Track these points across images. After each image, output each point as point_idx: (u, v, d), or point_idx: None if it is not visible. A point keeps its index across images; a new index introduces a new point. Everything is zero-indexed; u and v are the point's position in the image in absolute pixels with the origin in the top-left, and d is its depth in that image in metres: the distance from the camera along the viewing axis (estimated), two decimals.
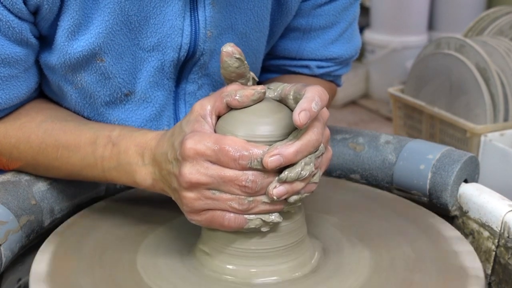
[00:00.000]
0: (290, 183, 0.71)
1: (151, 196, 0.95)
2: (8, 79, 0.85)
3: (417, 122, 2.20)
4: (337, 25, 1.02)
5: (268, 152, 0.70)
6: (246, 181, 0.71)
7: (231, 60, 0.74)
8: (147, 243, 0.83)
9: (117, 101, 0.92)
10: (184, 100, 0.96)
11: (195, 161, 0.71)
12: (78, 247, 0.82)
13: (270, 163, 0.70)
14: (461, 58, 2.00)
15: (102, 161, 0.83)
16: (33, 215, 0.85)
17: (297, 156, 0.71)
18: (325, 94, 0.72)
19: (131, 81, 0.91)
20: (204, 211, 0.73)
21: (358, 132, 1.04)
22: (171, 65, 0.91)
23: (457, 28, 2.84)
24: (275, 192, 0.71)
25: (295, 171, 0.71)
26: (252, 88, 0.75)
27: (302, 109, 0.69)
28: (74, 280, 0.75)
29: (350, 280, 0.76)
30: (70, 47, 0.86)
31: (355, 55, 1.08)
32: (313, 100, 0.70)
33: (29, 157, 0.88)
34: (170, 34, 0.89)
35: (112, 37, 0.86)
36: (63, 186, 0.91)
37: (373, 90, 3.26)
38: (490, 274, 0.88)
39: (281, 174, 0.71)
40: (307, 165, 0.72)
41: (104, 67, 0.88)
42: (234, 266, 0.76)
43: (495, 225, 0.86)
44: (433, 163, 0.94)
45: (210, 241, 0.78)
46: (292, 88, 0.76)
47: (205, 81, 0.96)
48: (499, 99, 1.94)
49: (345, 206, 0.94)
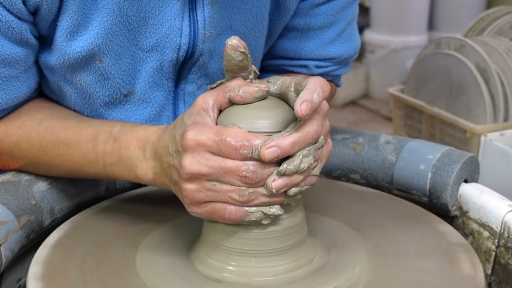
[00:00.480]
0: (289, 175, 0.71)
1: (151, 196, 0.95)
2: (9, 79, 0.85)
3: (417, 122, 2.20)
4: (335, 25, 1.02)
5: (266, 144, 0.70)
6: (247, 171, 0.70)
7: (235, 53, 0.74)
8: (146, 242, 0.83)
9: (116, 101, 0.92)
10: (183, 101, 0.96)
11: (196, 152, 0.71)
12: (78, 246, 0.82)
13: (268, 155, 0.70)
14: (461, 58, 2.00)
15: (104, 157, 0.83)
16: (33, 215, 0.85)
17: (294, 148, 0.71)
18: (326, 85, 0.72)
19: (130, 82, 0.91)
20: (204, 203, 0.73)
21: (358, 132, 1.04)
22: (170, 66, 0.91)
23: (457, 28, 2.85)
24: (274, 185, 0.71)
25: (293, 163, 0.71)
26: (256, 85, 0.75)
27: (303, 99, 0.69)
28: (70, 278, 0.75)
29: (351, 280, 0.76)
30: (69, 48, 0.86)
31: (354, 55, 1.07)
32: (314, 91, 0.70)
33: (30, 155, 0.88)
34: (169, 34, 0.89)
35: (111, 38, 0.86)
36: (63, 186, 0.91)
37: (373, 90, 3.27)
38: (490, 274, 0.88)
39: (280, 167, 0.71)
40: (305, 157, 0.71)
41: (103, 68, 0.88)
42: (234, 267, 0.76)
43: (495, 225, 0.86)
44: (433, 163, 0.94)
45: (209, 242, 0.77)
46: (292, 80, 0.76)
47: (204, 81, 0.96)
48: (499, 99, 1.94)
49: (345, 206, 0.94)
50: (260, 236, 0.75)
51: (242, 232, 0.75)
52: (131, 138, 0.81)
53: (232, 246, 0.76)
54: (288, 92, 0.76)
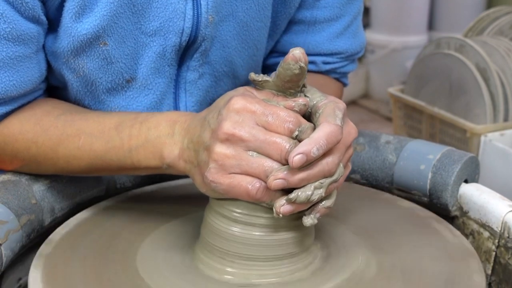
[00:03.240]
0: (298, 204, 0.70)
1: (152, 196, 0.95)
2: (22, 60, 0.84)
3: (417, 122, 2.21)
4: (342, 18, 1.03)
5: (275, 174, 0.68)
6: (290, 146, 0.68)
7: (294, 65, 0.70)
8: (148, 242, 0.83)
9: (119, 87, 0.92)
10: (184, 89, 0.96)
11: (242, 116, 0.69)
12: (79, 245, 0.82)
13: (274, 186, 0.68)
14: (461, 58, 2.00)
15: (130, 140, 0.81)
16: (34, 215, 0.85)
17: (302, 183, 0.69)
18: (335, 135, 0.69)
19: (132, 67, 0.91)
20: (231, 174, 0.70)
21: (359, 132, 1.04)
22: (172, 51, 0.92)
23: (457, 28, 2.85)
24: (282, 210, 0.69)
25: (305, 194, 0.69)
26: (293, 100, 0.72)
27: (300, 151, 0.67)
28: (71, 277, 0.76)
29: (351, 282, 0.76)
30: (75, 30, 0.86)
31: (361, 51, 1.08)
32: (317, 143, 0.67)
33: (48, 150, 0.86)
34: (172, 18, 0.89)
35: (115, 20, 0.87)
36: (63, 185, 0.91)
37: (373, 90, 3.27)
38: (490, 274, 0.88)
39: (291, 195, 0.69)
40: (317, 189, 0.70)
41: (107, 51, 0.88)
42: (234, 269, 0.75)
43: (495, 225, 0.86)
44: (434, 163, 0.94)
45: (208, 244, 0.77)
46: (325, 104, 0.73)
47: (206, 70, 0.96)
48: (499, 99, 1.94)
49: (346, 206, 0.93)
50: (262, 248, 0.74)
51: (244, 246, 0.74)
52: (161, 119, 0.80)
53: (232, 250, 0.75)
54: (313, 115, 0.73)
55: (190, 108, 0.97)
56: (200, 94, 0.97)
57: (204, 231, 0.78)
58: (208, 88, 0.98)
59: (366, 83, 3.28)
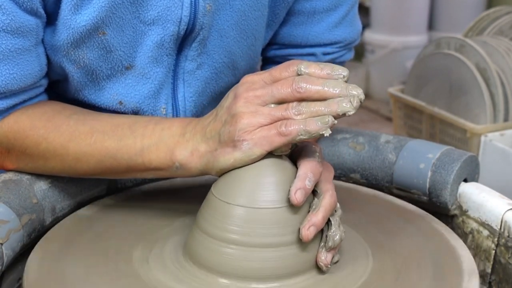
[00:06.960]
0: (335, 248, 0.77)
1: (153, 195, 0.95)
2: (22, 52, 0.85)
3: (417, 122, 2.21)
4: (340, 7, 1.05)
5: (304, 225, 0.74)
6: (298, 81, 0.74)
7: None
8: (148, 241, 0.83)
9: (118, 73, 0.93)
10: (183, 80, 0.97)
11: (251, 85, 0.76)
12: (74, 242, 0.82)
13: (306, 237, 0.74)
14: (461, 58, 2.00)
15: (143, 139, 0.83)
16: (35, 214, 0.85)
17: (325, 221, 0.76)
18: (317, 168, 0.76)
19: (131, 55, 0.92)
20: (259, 128, 0.75)
21: (358, 132, 1.04)
22: (170, 40, 0.92)
23: (457, 28, 2.85)
24: (326, 261, 0.76)
25: (338, 235, 0.76)
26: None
27: (297, 188, 0.74)
28: (69, 275, 0.76)
29: (351, 282, 0.76)
30: (74, 22, 0.86)
31: (357, 39, 1.11)
32: (306, 177, 0.75)
33: (58, 146, 0.86)
34: (170, 7, 0.90)
35: (114, 10, 0.87)
36: (64, 184, 0.91)
37: (373, 90, 3.27)
38: (490, 273, 0.88)
39: (328, 243, 0.76)
40: (339, 226, 0.77)
41: (106, 40, 0.89)
42: (229, 281, 0.75)
43: (495, 224, 0.86)
44: (433, 162, 0.94)
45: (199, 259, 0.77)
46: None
47: (204, 60, 0.97)
48: (499, 99, 1.94)
49: (346, 207, 0.94)
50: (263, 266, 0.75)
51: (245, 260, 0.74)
52: (175, 121, 0.84)
53: (232, 272, 0.75)
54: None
55: (189, 99, 0.98)
56: (198, 85, 0.98)
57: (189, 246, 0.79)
58: (208, 79, 0.99)
59: (366, 83, 3.28)
